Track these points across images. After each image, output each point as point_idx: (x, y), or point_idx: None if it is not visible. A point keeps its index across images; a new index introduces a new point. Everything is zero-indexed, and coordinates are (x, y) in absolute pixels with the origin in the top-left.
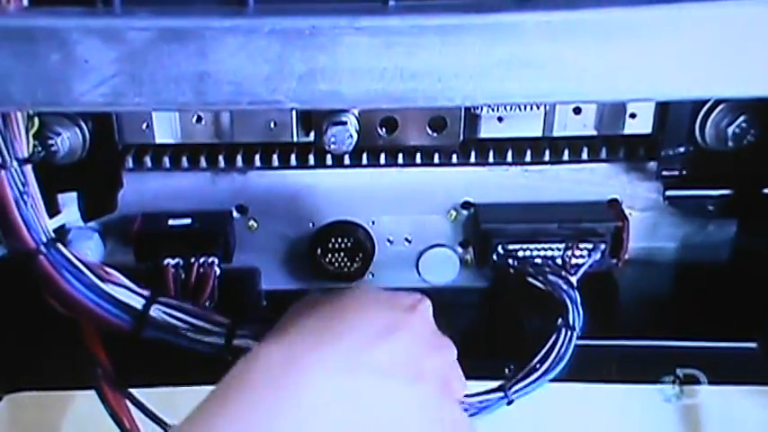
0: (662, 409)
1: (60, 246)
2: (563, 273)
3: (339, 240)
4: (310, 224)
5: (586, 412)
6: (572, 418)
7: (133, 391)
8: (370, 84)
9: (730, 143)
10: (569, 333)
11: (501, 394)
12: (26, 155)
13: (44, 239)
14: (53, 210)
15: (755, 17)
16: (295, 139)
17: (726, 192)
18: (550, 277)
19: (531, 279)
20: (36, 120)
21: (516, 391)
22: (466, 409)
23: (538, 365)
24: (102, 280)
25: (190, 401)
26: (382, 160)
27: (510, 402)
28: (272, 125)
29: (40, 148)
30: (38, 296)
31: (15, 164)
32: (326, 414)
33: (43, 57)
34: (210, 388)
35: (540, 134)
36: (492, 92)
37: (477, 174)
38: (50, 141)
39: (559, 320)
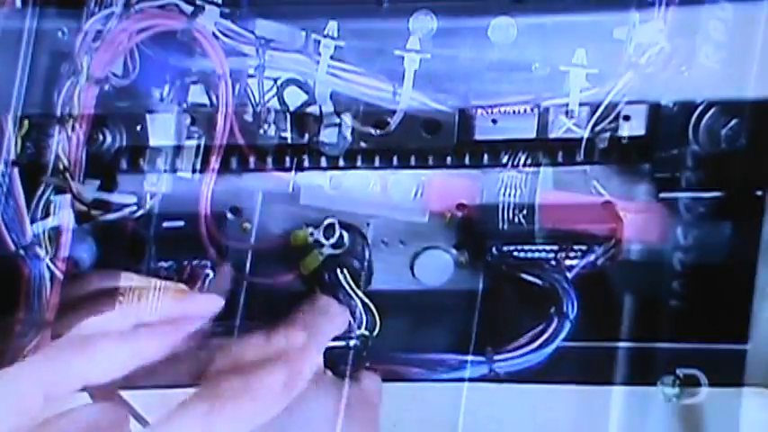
0: (662, 410)
1: (39, 249)
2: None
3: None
4: (305, 226)
5: (586, 414)
6: (572, 420)
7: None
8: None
9: (723, 145)
10: (562, 321)
11: (483, 359)
12: (13, 157)
13: (24, 243)
14: (46, 211)
15: (749, 20)
16: (289, 140)
17: (719, 194)
18: (543, 271)
19: (523, 274)
20: (26, 121)
21: (500, 361)
22: (448, 372)
23: (526, 344)
24: None
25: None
26: (376, 162)
27: (492, 371)
28: (266, 126)
29: (32, 150)
30: None
31: (1, 165)
32: None
33: (35, 58)
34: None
35: (533, 136)
36: (485, 94)
37: (471, 176)
38: (43, 143)
39: (552, 308)
